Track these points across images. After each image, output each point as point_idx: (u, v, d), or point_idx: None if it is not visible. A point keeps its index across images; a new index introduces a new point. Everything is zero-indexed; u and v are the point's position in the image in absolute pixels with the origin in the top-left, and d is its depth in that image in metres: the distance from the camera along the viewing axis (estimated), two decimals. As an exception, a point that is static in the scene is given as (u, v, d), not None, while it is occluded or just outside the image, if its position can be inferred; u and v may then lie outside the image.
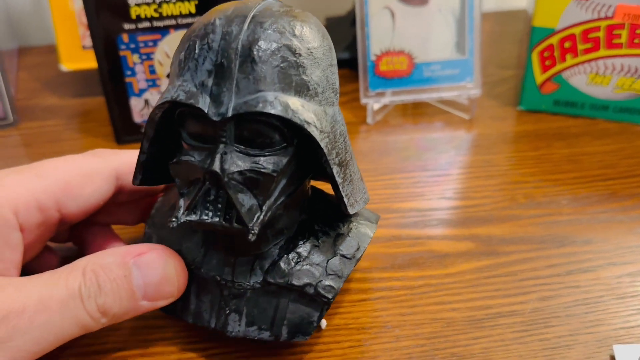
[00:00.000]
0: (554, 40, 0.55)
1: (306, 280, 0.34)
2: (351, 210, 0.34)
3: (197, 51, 0.30)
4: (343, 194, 0.33)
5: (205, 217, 0.31)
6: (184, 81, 0.31)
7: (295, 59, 0.30)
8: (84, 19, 0.60)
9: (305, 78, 0.31)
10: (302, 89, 0.31)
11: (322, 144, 0.31)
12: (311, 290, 0.34)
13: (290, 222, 0.35)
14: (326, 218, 0.36)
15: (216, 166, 0.30)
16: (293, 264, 0.34)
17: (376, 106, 0.58)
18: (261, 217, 0.31)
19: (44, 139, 0.57)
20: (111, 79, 0.52)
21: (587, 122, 0.57)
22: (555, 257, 0.42)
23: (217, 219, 0.31)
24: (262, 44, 0.30)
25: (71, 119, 0.61)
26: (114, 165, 0.37)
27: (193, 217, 0.31)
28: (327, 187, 0.36)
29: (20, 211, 0.33)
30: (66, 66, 0.61)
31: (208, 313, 0.35)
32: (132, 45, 0.51)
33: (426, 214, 0.46)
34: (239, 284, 0.34)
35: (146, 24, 0.51)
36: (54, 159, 0.36)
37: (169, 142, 0.34)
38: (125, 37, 0.51)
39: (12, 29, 0.74)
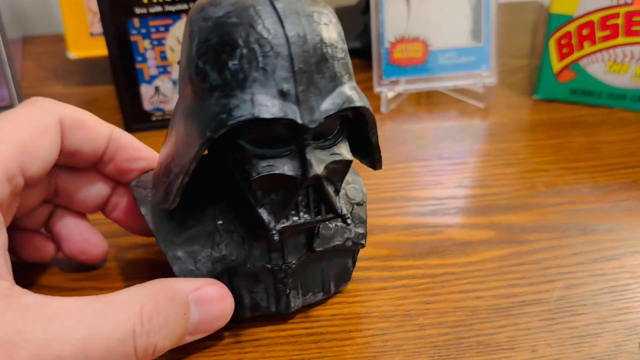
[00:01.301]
0: (571, 27, 0.54)
1: (345, 236, 0.36)
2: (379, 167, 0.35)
3: (260, 59, 0.28)
4: (377, 156, 0.34)
5: (297, 219, 0.31)
6: (255, 93, 0.28)
7: (345, 46, 0.31)
8: (92, 6, 0.59)
9: (349, 61, 0.31)
10: (351, 71, 0.31)
11: (371, 121, 0.32)
12: (349, 244, 0.36)
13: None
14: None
15: (315, 170, 0.30)
16: (331, 227, 0.35)
17: (390, 95, 0.57)
18: (341, 200, 0.32)
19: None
20: (121, 66, 0.51)
21: (604, 111, 0.56)
22: (579, 245, 0.41)
23: (309, 217, 0.31)
24: (327, 40, 0.29)
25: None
26: (57, 115, 0.33)
27: (287, 224, 0.31)
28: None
29: None
30: (74, 54, 0.60)
31: (265, 301, 0.35)
32: (143, 31, 0.50)
33: (444, 202, 0.46)
34: (292, 264, 0.34)
35: (158, 9, 0.49)
36: (2, 116, 0.32)
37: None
38: (136, 22, 0.49)
39: (16, 18, 0.73)
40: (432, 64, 0.56)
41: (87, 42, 0.60)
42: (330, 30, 0.30)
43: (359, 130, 0.33)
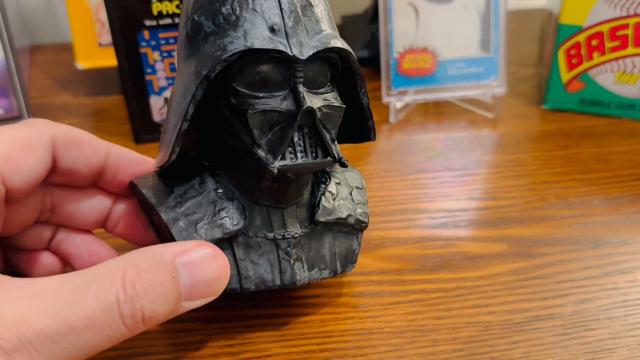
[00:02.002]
0: (580, 38, 0.54)
1: (347, 213, 0.37)
2: (374, 137, 0.37)
3: (250, 1, 0.31)
4: (370, 123, 0.36)
5: (295, 159, 0.32)
6: (247, 31, 0.31)
7: (327, 3, 0.33)
8: (101, 16, 0.59)
9: (331, 14, 0.34)
10: (335, 28, 0.34)
11: (358, 74, 0.34)
12: (352, 220, 0.37)
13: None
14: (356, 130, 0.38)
15: (308, 103, 0.31)
16: (332, 201, 0.36)
17: (399, 105, 0.57)
18: (337, 147, 0.34)
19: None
20: (131, 77, 0.51)
21: (613, 121, 0.56)
22: (591, 258, 0.41)
23: (307, 158, 0.32)
24: None
25: (87, 118, 0.60)
26: (49, 134, 0.34)
27: (285, 162, 0.32)
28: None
29: None
30: (82, 64, 0.60)
31: (270, 273, 0.35)
32: (153, 43, 0.50)
33: (455, 214, 0.45)
34: (295, 233, 0.35)
35: (167, 21, 0.49)
36: None
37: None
38: (146, 34, 0.49)
39: (23, 26, 0.73)
40: (440, 74, 0.56)
41: (96, 53, 0.60)
42: None
43: (350, 101, 0.35)
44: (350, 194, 0.38)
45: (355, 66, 0.34)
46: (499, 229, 0.44)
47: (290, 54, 0.31)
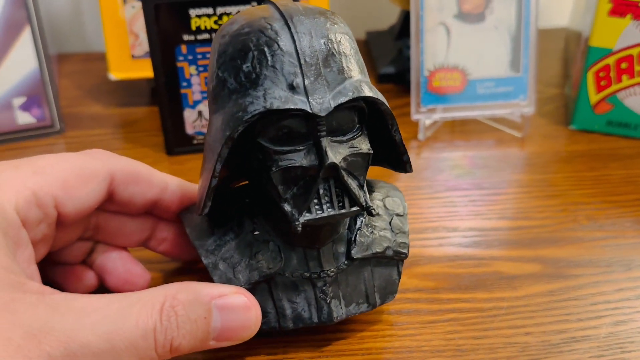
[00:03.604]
0: (610, 60, 0.54)
1: (385, 245, 0.36)
2: (410, 169, 0.37)
3: (270, 58, 0.31)
4: (405, 157, 0.36)
5: (321, 212, 0.32)
6: (267, 89, 0.31)
7: (354, 44, 0.33)
8: (135, 28, 0.59)
9: (361, 59, 0.34)
10: (364, 70, 0.34)
11: (389, 116, 0.34)
12: (390, 252, 0.37)
13: None
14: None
15: (332, 158, 0.31)
16: (369, 234, 0.36)
17: (427, 122, 0.57)
18: (367, 194, 0.33)
19: (92, 148, 0.57)
20: (167, 90, 0.52)
21: (640, 143, 0.56)
22: (623, 281, 0.42)
23: (332, 211, 0.32)
24: (333, 37, 0.32)
25: (118, 128, 0.60)
26: (109, 168, 0.35)
27: (311, 216, 0.32)
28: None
29: (20, 208, 0.31)
30: (115, 75, 0.61)
31: (307, 311, 0.36)
32: (190, 57, 0.51)
33: (487, 233, 0.46)
34: (330, 271, 0.35)
35: (205, 36, 0.50)
36: (50, 155, 0.35)
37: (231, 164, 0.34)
38: (183, 48, 0.50)
39: (51, 34, 0.74)
40: (470, 92, 0.57)
41: (129, 64, 0.61)
42: (336, 29, 0.32)
43: (383, 136, 0.35)
44: (390, 223, 0.37)
45: (384, 108, 0.33)
46: (532, 249, 0.44)
47: (310, 112, 0.31)
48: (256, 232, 0.35)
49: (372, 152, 0.33)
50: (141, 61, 0.60)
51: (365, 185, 0.34)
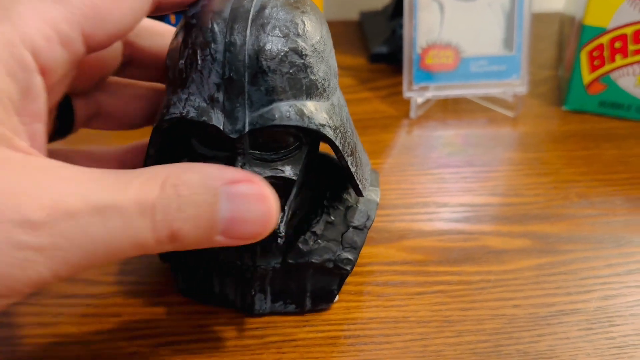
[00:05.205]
0: (604, 39, 0.54)
1: (325, 257, 0.35)
2: (365, 193, 0.34)
3: (199, 62, 0.29)
4: (357, 182, 0.33)
5: None
6: (190, 94, 0.29)
7: (302, 61, 0.29)
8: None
9: (313, 78, 0.30)
10: (312, 90, 0.30)
11: (337, 142, 0.31)
12: (330, 265, 0.35)
13: (302, 202, 0.35)
14: (333, 190, 0.37)
15: None
16: (311, 242, 0.35)
17: (419, 100, 0.57)
18: (285, 218, 0.32)
19: None
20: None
21: (633, 124, 0.56)
22: (614, 256, 0.41)
23: None
24: (268, 52, 0.28)
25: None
26: None
27: None
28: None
29: (41, 50, 0.26)
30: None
31: (233, 294, 0.36)
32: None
33: (478, 209, 0.45)
34: (260, 267, 0.35)
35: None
36: None
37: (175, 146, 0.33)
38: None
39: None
40: (462, 71, 0.56)
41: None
42: (283, 43, 0.28)
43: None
44: (343, 235, 0.36)
45: (328, 134, 0.30)
46: (522, 225, 0.44)
47: (222, 129, 0.29)
48: None
49: (295, 178, 0.31)
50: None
51: (288, 206, 0.32)
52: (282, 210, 0.31)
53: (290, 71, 0.29)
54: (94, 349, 0.35)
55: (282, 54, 0.28)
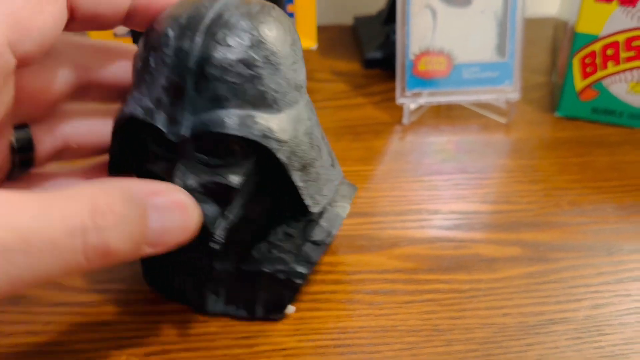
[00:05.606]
0: (596, 46, 0.54)
1: (277, 267, 0.35)
2: (315, 209, 0.33)
3: (152, 65, 0.29)
4: (305, 198, 0.33)
5: None
6: (141, 95, 0.30)
7: (250, 71, 0.29)
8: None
9: (262, 89, 0.29)
10: (259, 101, 0.30)
11: (280, 155, 0.30)
12: (282, 276, 0.35)
13: (261, 211, 0.35)
14: (297, 202, 0.35)
15: (177, 181, 0.30)
16: (265, 251, 0.35)
17: (412, 106, 0.57)
18: (225, 225, 0.32)
19: None
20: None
21: (625, 130, 0.56)
22: (604, 265, 0.41)
23: None
24: (214, 60, 0.28)
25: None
26: None
27: None
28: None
29: None
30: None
31: (190, 292, 0.37)
32: None
33: (469, 216, 0.45)
34: (216, 269, 0.36)
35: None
36: None
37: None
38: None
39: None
40: (455, 77, 0.56)
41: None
42: (231, 52, 0.28)
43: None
44: (300, 248, 0.36)
45: (269, 146, 0.30)
46: (513, 233, 0.44)
47: (164, 131, 0.29)
48: None
49: (238, 186, 0.31)
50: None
51: (232, 214, 0.32)
52: (224, 216, 0.32)
53: (236, 81, 0.29)
54: (85, 357, 0.35)
55: (228, 63, 0.29)
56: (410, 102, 0.56)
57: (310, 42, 0.61)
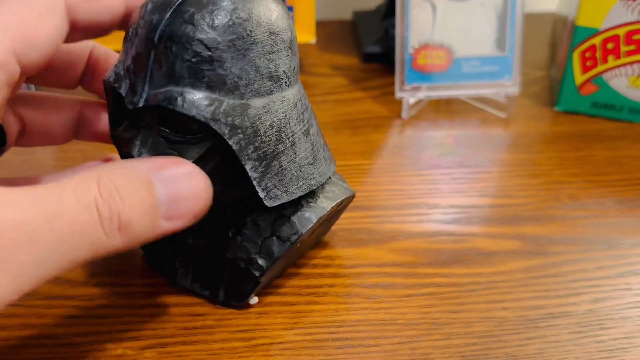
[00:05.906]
0: (596, 40, 0.54)
1: (239, 255, 0.35)
2: (270, 203, 0.33)
3: (129, 34, 0.31)
4: (258, 189, 0.32)
5: None
6: (119, 62, 0.32)
7: (210, 53, 0.29)
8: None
9: (221, 72, 0.30)
10: (216, 84, 0.30)
11: (232, 141, 0.30)
12: (242, 265, 0.35)
13: (232, 198, 0.35)
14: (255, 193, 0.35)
15: (134, 152, 0.31)
16: (231, 237, 0.35)
17: (411, 101, 0.57)
18: None
19: None
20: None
21: (625, 125, 0.56)
22: (604, 259, 0.41)
23: None
24: (175, 37, 0.29)
25: None
26: None
27: None
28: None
29: None
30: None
31: (165, 262, 0.38)
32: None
33: (468, 210, 0.45)
34: (188, 243, 0.36)
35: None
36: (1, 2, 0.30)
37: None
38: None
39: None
40: (455, 71, 0.56)
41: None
42: (193, 32, 0.29)
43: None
44: (263, 240, 0.35)
45: (217, 129, 0.30)
46: (512, 227, 0.44)
47: (124, 97, 0.31)
48: None
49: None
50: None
51: None
52: None
53: (193, 60, 0.29)
54: (80, 350, 0.34)
55: (187, 40, 0.29)
56: (409, 96, 0.56)
57: (309, 37, 0.61)
